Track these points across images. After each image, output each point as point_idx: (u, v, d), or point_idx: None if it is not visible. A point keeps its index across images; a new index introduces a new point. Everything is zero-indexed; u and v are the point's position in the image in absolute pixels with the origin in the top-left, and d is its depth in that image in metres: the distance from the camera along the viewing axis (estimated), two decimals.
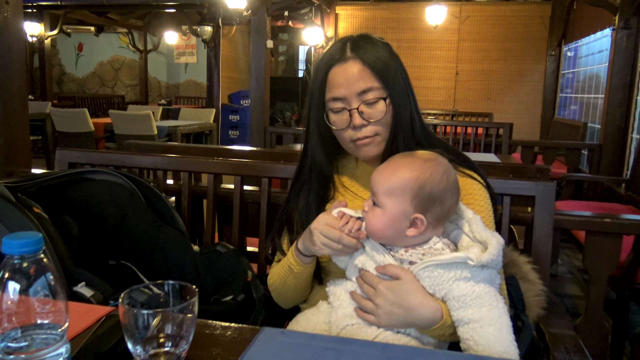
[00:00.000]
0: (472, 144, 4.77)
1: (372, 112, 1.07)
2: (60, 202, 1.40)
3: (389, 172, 0.98)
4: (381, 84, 1.07)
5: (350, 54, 1.07)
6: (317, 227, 1.00)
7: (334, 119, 1.10)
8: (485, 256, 0.91)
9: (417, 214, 0.95)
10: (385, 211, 0.96)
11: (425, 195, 0.94)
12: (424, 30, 7.84)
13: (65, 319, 0.62)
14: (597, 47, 5.66)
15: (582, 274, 3.54)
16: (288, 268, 1.11)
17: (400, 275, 0.94)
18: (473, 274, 0.92)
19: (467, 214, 1.01)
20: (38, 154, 7.15)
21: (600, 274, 1.59)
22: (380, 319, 0.95)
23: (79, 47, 11.87)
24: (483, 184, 1.12)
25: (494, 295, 0.93)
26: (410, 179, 0.95)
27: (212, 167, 1.67)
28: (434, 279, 0.93)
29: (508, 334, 0.91)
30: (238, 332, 0.86)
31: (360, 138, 1.08)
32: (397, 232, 0.96)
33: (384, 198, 0.96)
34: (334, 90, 1.08)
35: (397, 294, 0.93)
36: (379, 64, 1.06)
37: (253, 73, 4.79)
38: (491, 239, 0.94)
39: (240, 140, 8.65)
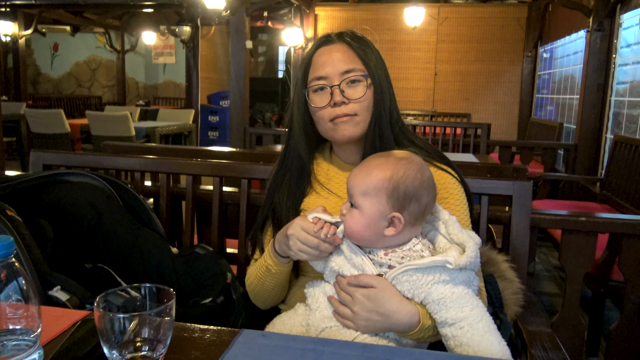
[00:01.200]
0: (450, 144, 4.81)
1: (353, 92, 1.09)
2: (35, 204, 1.38)
3: (363, 173, 0.98)
4: (364, 66, 1.10)
5: (336, 38, 1.13)
6: (293, 232, 1.00)
7: (315, 98, 1.11)
8: (463, 259, 0.92)
9: (395, 213, 0.95)
10: (362, 212, 0.96)
11: (401, 193, 0.95)
12: (402, 31, 7.89)
13: (38, 324, 0.60)
14: (572, 49, 5.77)
15: (558, 272, 3.60)
16: (266, 269, 1.11)
17: (374, 284, 0.95)
18: (451, 277, 0.93)
19: (443, 215, 1.02)
20: (12, 156, 7.01)
21: (576, 272, 1.62)
22: (358, 325, 0.95)
23: (54, 47, 11.67)
24: (457, 179, 1.13)
25: (473, 296, 0.94)
26: (385, 178, 0.96)
27: (191, 168, 1.65)
28: (412, 282, 0.94)
29: (495, 332, 0.92)
30: (217, 335, 0.85)
31: (339, 115, 1.08)
32: (375, 233, 0.97)
33: (361, 199, 0.97)
34: (318, 70, 1.11)
35: (373, 302, 0.94)
36: (363, 51, 1.11)
37: (232, 74, 4.77)
38: (468, 241, 0.95)
39: (220, 141, 8.61)
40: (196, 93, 8.30)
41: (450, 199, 1.10)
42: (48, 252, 1.25)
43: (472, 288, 0.96)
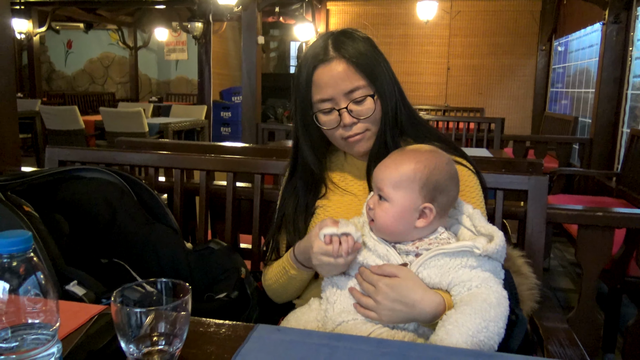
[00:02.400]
0: (464, 139, 4.78)
1: (361, 110, 1.07)
2: (51, 200, 1.39)
3: (394, 165, 0.98)
4: (367, 80, 1.07)
5: (333, 53, 1.07)
6: (318, 264, 0.99)
7: (324, 119, 1.10)
8: (491, 246, 0.93)
9: (426, 204, 0.96)
10: (394, 204, 0.97)
11: (432, 184, 0.96)
12: (415, 25, 7.84)
13: (56, 318, 0.61)
14: (588, 42, 5.69)
15: (574, 268, 3.57)
16: (289, 278, 1.12)
17: (397, 274, 0.94)
18: (478, 263, 0.93)
19: (467, 209, 1.03)
20: (28, 152, 7.09)
21: (593, 267, 1.60)
22: (382, 315, 0.95)
23: (68, 44, 11.76)
24: (473, 171, 1.12)
25: (499, 284, 0.94)
26: (418, 169, 0.96)
27: (204, 164, 1.66)
28: (440, 267, 0.94)
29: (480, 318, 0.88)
30: (232, 330, 0.85)
31: (351, 135, 1.09)
32: (407, 224, 0.97)
33: (392, 191, 0.97)
34: (321, 92, 1.08)
35: (397, 291, 0.93)
36: (362, 61, 1.06)
37: (244, 69, 4.77)
38: (497, 232, 0.96)
39: (232, 137, 8.63)
40: (208, 89, 8.33)
41: (466, 191, 1.10)
42: (64, 247, 1.26)
43: (499, 279, 0.95)
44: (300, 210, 1.17)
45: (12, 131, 2.16)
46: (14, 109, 2.17)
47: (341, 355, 0.77)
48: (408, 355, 0.77)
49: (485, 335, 0.87)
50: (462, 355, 0.79)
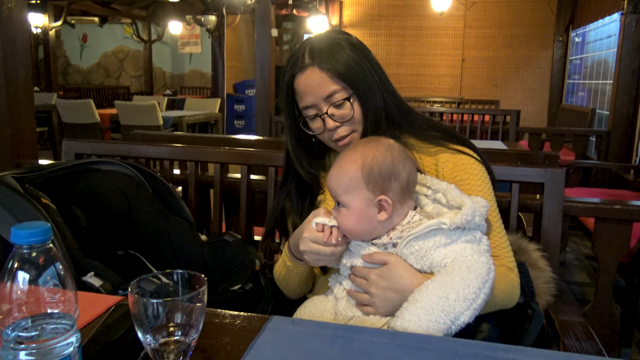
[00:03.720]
0: (478, 131, 4.74)
1: (342, 113, 1.09)
2: (68, 192, 1.41)
3: (337, 172, 0.99)
4: (342, 84, 1.08)
5: (309, 60, 1.08)
6: (305, 249, 1.00)
7: (311, 125, 1.13)
8: (458, 217, 0.91)
9: (380, 196, 0.95)
10: (350, 208, 0.97)
11: (377, 176, 0.96)
12: (429, 17, 7.77)
13: (75, 308, 0.62)
14: (606, 32, 5.60)
15: (590, 261, 3.53)
16: (287, 270, 1.14)
17: (387, 260, 0.95)
18: (452, 238, 0.92)
19: (441, 186, 1.01)
20: (44, 146, 7.18)
21: (610, 261, 1.58)
22: (377, 307, 0.95)
23: (83, 38, 11.85)
24: (478, 160, 1.11)
25: (480, 250, 0.92)
26: (357, 168, 0.96)
27: (218, 156, 1.66)
28: (416, 253, 0.93)
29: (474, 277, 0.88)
30: (247, 321, 0.86)
31: (338, 139, 1.11)
32: (369, 223, 0.97)
33: (344, 197, 0.97)
34: (302, 100, 1.11)
35: (387, 279, 0.94)
36: (337, 66, 1.07)
37: (258, 62, 4.77)
38: (466, 201, 0.94)
39: (246, 129, 8.65)
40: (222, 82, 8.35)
41: (470, 180, 1.08)
42: (81, 239, 1.27)
43: (477, 246, 0.93)
44: (295, 214, 1.19)
45: (29, 125, 2.18)
46: (31, 103, 2.20)
47: (356, 347, 0.77)
48: (423, 348, 0.77)
49: (446, 305, 0.85)
50: (478, 347, 0.78)
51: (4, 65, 2.04)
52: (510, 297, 1.01)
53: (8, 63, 2.06)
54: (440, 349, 0.77)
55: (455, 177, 1.08)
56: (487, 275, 0.90)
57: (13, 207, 1.18)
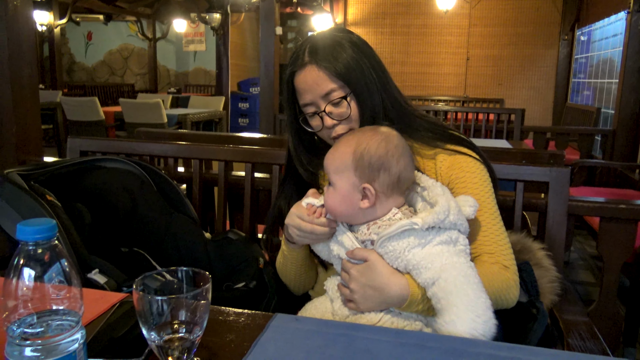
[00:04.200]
0: (483, 130, 4.73)
1: (339, 112, 1.10)
2: (73, 190, 1.41)
3: (332, 152, 1.02)
4: (340, 82, 1.08)
5: (308, 58, 1.10)
6: (289, 222, 1.05)
7: (311, 122, 1.15)
8: (430, 217, 0.90)
9: (365, 184, 0.97)
10: (336, 188, 0.99)
11: (366, 164, 0.97)
12: (434, 15, 7.75)
13: (80, 305, 0.62)
14: (611, 31, 5.57)
15: (594, 261, 3.52)
16: (283, 255, 1.18)
17: (367, 257, 0.96)
18: (426, 239, 0.91)
19: (428, 182, 1.01)
20: (49, 143, 7.19)
21: (614, 261, 1.58)
22: (357, 303, 0.96)
23: (88, 35, 11.87)
24: (478, 159, 1.10)
25: (455, 253, 0.91)
26: (349, 151, 0.98)
27: (222, 154, 1.66)
28: (390, 254, 0.93)
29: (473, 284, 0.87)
30: (251, 319, 0.86)
31: (336, 136, 1.12)
32: (351, 206, 0.98)
33: (334, 176, 1.00)
34: (302, 97, 1.12)
35: (366, 276, 0.95)
36: (335, 64, 1.08)
37: (262, 60, 4.77)
38: (441, 198, 0.93)
39: (250, 128, 8.65)
40: (226, 80, 8.36)
41: (466, 177, 1.07)
42: (86, 236, 1.28)
43: (455, 248, 0.92)
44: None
45: (34, 122, 2.19)
46: (36, 101, 2.20)
47: (359, 345, 0.77)
48: (426, 346, 0.77)
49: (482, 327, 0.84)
50: (481, 346, 0.78)
51: (9, 63, 2.05)
52: (506, 296, 0.98)
53: (14, 61, 2.06)
54: (443, 347, 0.77)
55: (452, 176, 1.07)
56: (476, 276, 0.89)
57: (18, 204, 1.19)
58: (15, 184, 1.22)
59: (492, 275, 0.97)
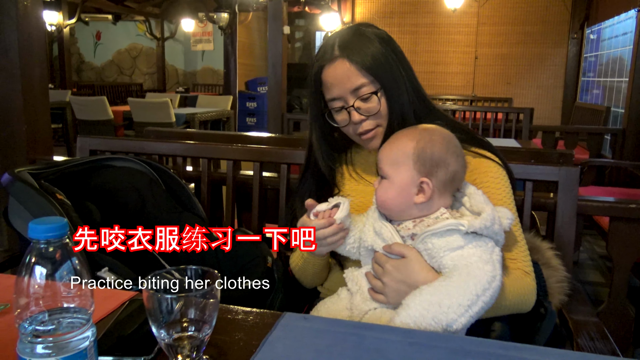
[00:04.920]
0: (491, 129, 4.71)
1: (368, 107, 1.09)
2: (82, 188, 1.42)
3: (390, 144, 1.01)
4: (370, 77, 1.08)
5: (338, 52, 1.09)
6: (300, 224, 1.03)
7: (336, 117, 1.14)
8: (477, 222, 0.90)
9: (423, 178, 0.96)
10: (392, 181, 0.98)
11: (427, 158, 0.97)
12: (442, 14, 7.72)
13: (91, 302, 0.62)
14: (621, 29, 5.53)
15: (604, 261, 3.49)
16: (303, 259, 1.16)
17: (405, 253, 0.95)
18: (465, 242, 0.91)
19: (469, 189, 1.01)
20: (59, 142, 7.24)
21: (624, 261, 1.57)
22: (388, 297, 0.96)
23: (97, 35, 11.94)
24: (499, 163, 1.10)
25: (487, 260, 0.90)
26: (411, 145, 0.98)
27: (231, 153, 1.67)
28: (429, 250, 0.94)
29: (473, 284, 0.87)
30: (260, 317, 0.86)
31: (362, 132, 1.12)
32: (406, 201, 0.98)
33: (389, 169, 0.99)
34: (329, 91, 1.11)
35: (402, 272, 0.94)
36: (366, 59, 1.07)
37: (270, 60, 4.77)
38: (487, 207, 0.94)
39: (258, 127, 8.66)
40: (234, 79, 8.38)
41: (490, 183, 1.08)
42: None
43: (487, 255, 0.92)
44: None
45: (44, 121, 2.21)
46: (46, 100, 2.22)
47: (369, 344, 0.77)
48: (435, 346, 0.77)
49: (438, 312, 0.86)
50: (491, 346, 0.78)
51: (20, 63, 2.06)
52: (525, 301, 1.00)
53: (24, 61, 2.08)
54: (453, 347, 0.77)
55: (475, 180, 1.07)
56: (489, 283, 0.89)
57: (29, 203, 1.20)
58: (26, 182, 1.23)
59: (515, 280, 0.99)
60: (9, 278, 1.04)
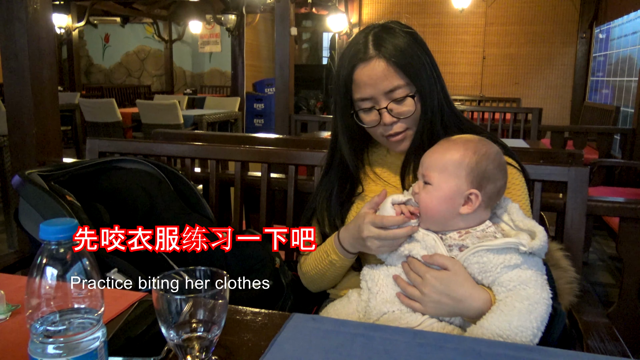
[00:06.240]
0: (500, 129, 4.69)
1: (401, 110, 1.07)
2: (92, 190, 1.43)
3: (443, 150, 0.98)
4: (407, 80, 1.05)
5: (373, 51, 1.05)
6: (369, 235, 0.98)
7: (364, 117, 1.11)
8: (536, 242, 0.90)
9: (472, 189, 0.95)
10: (439, 188, 0.96)
11: (481, 171, 0.95)
12: (449, 14, 7.70)
13: (101, 303, 0.63)
14: (631, 28, 5.49)
15: (614, 262, 3.47)
16: (329, 263, 1.11)
17: (447, 265, 0.93)
18: (522, 260, 0.91)
19: (506, 203, 1.01)
20: (68, 144, 7.29)
21: (635, 262, 1.55)
22: (427, 307, 0.94)
23: (105, 38, 12.01)
24: (519, 169, 1.10)
25: (542, 283, 0.92)
26: (466, 155, 0.96)
27: (239, 154, 1.67)
28: (483, 264, 0.92)
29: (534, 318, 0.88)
30: (268, 318, 0.87)
31: (392, 134, 1.09)
32: (451, 210, 0.96)
33: (438, 175, 0.97)
34: (361, 91, 1.07)
35: (445, 285, 0.92)
36: (403, 60, 1.04)
37: (277, 61, 4.78)
38: (537, 227, 0.94)
39: (265, 128, 8.68)
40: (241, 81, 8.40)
41: (512, 189, 1.08)
42: None
43: (542, 277, 0.93)
44: (335, 204, 1.17)
45: (54, 124, 2.23)
46: (56, 102, 2.24)
47: (377, 345, 0.77)
48: (444, 347, 0.77)
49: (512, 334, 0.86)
50: (500, 347, 0.78)
51: (30, 65, 2.08)
52: None
53: (34, 63, 2.10)
54: (462, 348, 0.77)
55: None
56: (546, 313, 0.90)
57: (39, 205, 1.21)
58: (36, 184, 1.24)
59: None
60: (20, 279, 1.05)
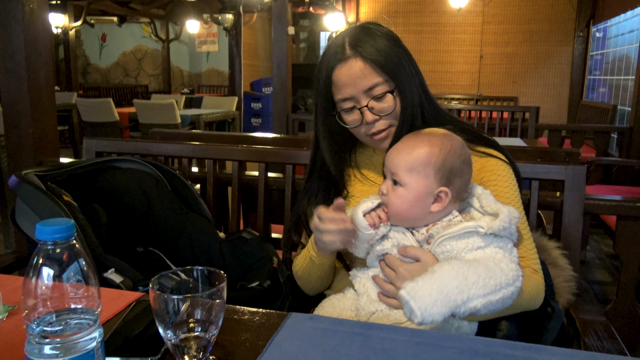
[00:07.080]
0: (497, 128, 4.69)
1: (382, 107, 1.07)
2: (89, 190, 1.43)
3: (408, 149, 0.97)
4: (386, 76, 1.06)
5: (350, 51, 1.06)
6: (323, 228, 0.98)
7: (347, 118, 1.11)
8: (496, 223, 0.90)
9: (442, 187, 0.95)
10: (409, 189, 0.95)
11: (448, 168, 0.95)
12: (447, 13, 7.71)
13: (98, 303, 0.63)
14: (628, 27, 5.50)
15: (611, 260, 3.48)
16: (310, 260, 1.12)
17: (420, 257, 0.94)
18: (485, 243, 0.91)
19: (477, 190, 1.01)
20: (65, 144, 7.28)
21: (632, 260, 1.55)
22: None
23: (102, 37, 11.99)
24: (505, 160, 1.10)
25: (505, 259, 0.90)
26: (433, 153, 0.95)
27: (236, 154, 1.67)
28: (448, 253, 0.92)
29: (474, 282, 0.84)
30: (266, 318, 0.87)
31: (375, 132, 1.10)
32: (422, 210, 0.96)
33: (406, 175, 0.96)
34: (341, 91, 1.08)
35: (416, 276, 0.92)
36: (380, 58, 1.05)
37: (275, 60, 4.77)
38: (503, 209, 0.93)
39: (263, 128, 8.68)
40: (239, 80, 8.39)
41: (497, 181, 1.07)
42: (102, 236, 1.29)
43: (508, 254, 0.92)
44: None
45: (51, 124, 2.22)
46: (52, 102, 2.23)
47: (375, 344, 0.77)
48: (442, 346, 0.77)
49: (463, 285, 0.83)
50: (498, 345, 0.78)
51: (26, 65, 2.07)
52: (535, 299, 1.00)
53: (30, 63, 2.09)
54: (460, 347, 0.77)
55: (483, 179, 1.07)
56: (513, 281, 0.88)
57: (36, 205, 1.20)
58: (33, 184, 1.23)
59: (526, 279, 0.97)
60: (17, 279, 1.04)
